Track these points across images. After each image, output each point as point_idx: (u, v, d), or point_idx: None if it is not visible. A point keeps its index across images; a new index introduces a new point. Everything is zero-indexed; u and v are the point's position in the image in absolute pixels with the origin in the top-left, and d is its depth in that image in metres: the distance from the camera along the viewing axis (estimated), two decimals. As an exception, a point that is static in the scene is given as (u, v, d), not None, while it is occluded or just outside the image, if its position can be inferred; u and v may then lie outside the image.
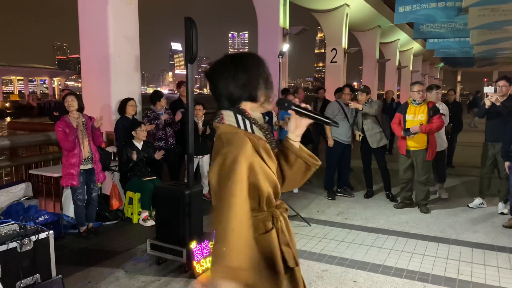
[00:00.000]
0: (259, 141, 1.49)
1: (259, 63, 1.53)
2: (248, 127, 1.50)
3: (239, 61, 1.51)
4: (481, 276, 3.57)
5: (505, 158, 4.90)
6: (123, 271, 3.70)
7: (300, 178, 1.69)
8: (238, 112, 1.51)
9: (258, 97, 1.52)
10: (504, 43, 12.81)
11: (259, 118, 1.54)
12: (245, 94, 1.50)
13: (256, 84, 1.50)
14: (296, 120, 1.59)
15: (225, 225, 1.35)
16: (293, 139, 1.63)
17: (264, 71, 1.53)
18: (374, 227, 4.88)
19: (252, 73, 1.50)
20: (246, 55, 1.55)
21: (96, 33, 5.45)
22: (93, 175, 4.57)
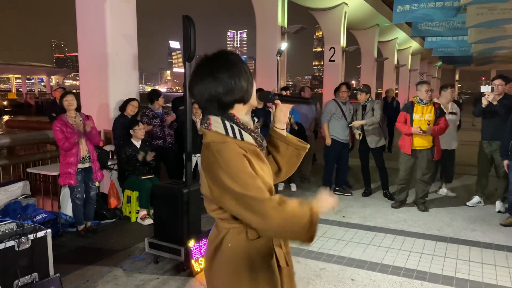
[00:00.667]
0: (249, 148, 1.46)
1: (237, 60, 1.45)
2: (237, 134, 1.45)
3: (218, 65, 1.42)
4: (479, 274, 3.58)
5: (504, 156, 4.91)
6: (121, 269, 3.69)
7: (294, 164, 1.70)
8: (227, 118, 1.46)
9: (248, 97, 1.48)
10: (502, 41, 12.83)
11: (247, 123, 1.49)
12: (235, 97, 1.44)
13: (242, 84, 1.43)
14: (282, 108, 1.60)
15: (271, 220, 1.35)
16: (279, 127, 1.64)
17: (244, 68, 1.45)
18: (372, 226, 4.88)
19: (235, 74, 1.42)
20: (222, 55, 1.45)
21: (94, 31, 5.44)
22: (91, 174, 4.56)
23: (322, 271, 3.64)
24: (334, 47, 14.46)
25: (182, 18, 3.67)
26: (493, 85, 5.27)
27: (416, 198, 5.59)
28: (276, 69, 9.87)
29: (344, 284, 3.41)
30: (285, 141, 1.64)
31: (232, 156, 1.38)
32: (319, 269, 3.68)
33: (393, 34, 21.23)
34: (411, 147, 5.33)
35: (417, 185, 5.54)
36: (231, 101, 1.44)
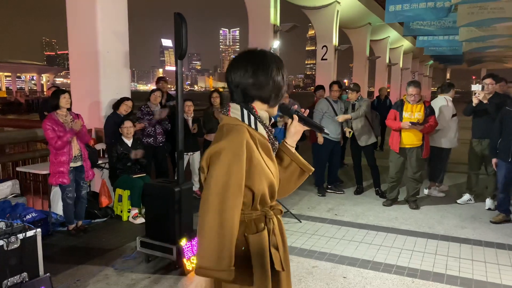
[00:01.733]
0: (260, 139, 1.50)
1: (280, 67, 1.53)
2: (253, 123, 1.50)
3: (263, 60, 1.50)
4: (469, 271, 3.62)
5: (492, 154, 4.96)
6: (113, 269, 3.67)
7: (294, 182, 1.69)
8: (246, 107, 1.51)
9: (271, 100, 1.53)
10: (491, 40, 12.96)
11: (265, 118, 1.55)
12: (260, 94, 1.50)
13: (272, 88, 1.50)
14: (296, 126, 1.61)
15: (212, 220, 1.39)
16: (290, 143, 1.65)
17: (282, 77, 1.53)
18: (364, 223, 4.91)
19: (272, 77, 1.49)
20: (271, 56, 1.53)
21: (85, 29, 5.38)
22: (82, 173, 4.52)
23: (314, 269, 3.65)
24: (326, 45, 14.48)
25: (174, 16, 3.64)
26: (484, 84, 5.32)
27: (407, 196, 5.63)
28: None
29: (336, 282, 3.42)
30: (290, 156, 1.65)
31: (237, 137, 1.41)
32: (311, 267, 3.69)
33: (385, 33, 21.33)
34: (400, 145, 5.37)
35: (408, 183, 5.58)
36: (255, 95, 1.51)
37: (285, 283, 1.60)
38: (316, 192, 6.24)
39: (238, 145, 1.41)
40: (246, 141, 1.42)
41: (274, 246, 1.55)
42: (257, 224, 1.53)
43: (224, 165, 1.39)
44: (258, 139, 1.48)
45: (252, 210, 1.52)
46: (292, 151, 1.66)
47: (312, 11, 14.79)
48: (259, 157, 1.46)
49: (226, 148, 1.40)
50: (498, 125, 4.83)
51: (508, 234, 4.53)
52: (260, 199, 1.51)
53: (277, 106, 1.59)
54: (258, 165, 1.46)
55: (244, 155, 1.40)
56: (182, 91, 3.71)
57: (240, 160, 1.40)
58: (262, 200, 1.53)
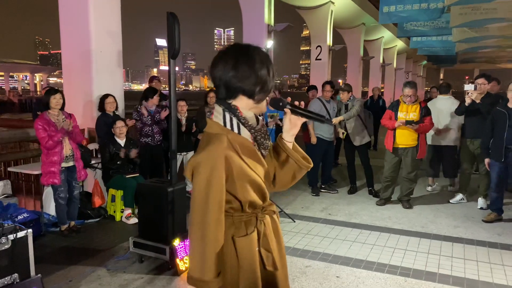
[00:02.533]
0: (242, 142, 1.46)
1: (265, 60, 1.47)
2: (235, 127, 1.46)
3: (245, 52, 1.46)
4: (461, 270, 3.64)
5: (485, 154, 4.99)
6: (105, 269, 3.65)
7: (291, 178, 1.65)
8: (229, 109, 1.46)
9: (255, 94, 1.46)
10: (484, 41, 13.05)
11: (250, 118, 1.49)
12: (243, 87, 1.44)
13: (255, 80, 1.44)
14: (291, 119, 1.54)
15: (194, 233, 1.44)
16: (287, 139, 1.59)
17: (267, 71, 1.47)
18: (357, 223, 4.92)
19: (255, 68, 1.43)
20: (254, 49, 1.48)
21: (77, 28, 5.35)
22: (74, 173, 4.49)
23: (307, 269, 3.65)
24: (320, 45, 14.51)
25: (167, 15, 3.63)
26: (476, 84, 5.35)
27: (400, 195, 5.65)
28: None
29: (329, 281, 3.42)
30: (287, 152, 1.59)
31: (214, 151, 1.41)
32: (305, 267, 3.69)
33: (379, 33, 21.41)
34: (394, 144, 5.40)
35: (402, 182, 5.60)
36: (237, 89, 1.44)
37: (282, 283, 1.60)
38: (310, 191, 6.25)
39: (216, 158, 1.40)
40: (224, 153, 1.40)
41: (265, 247, 1.54)
42: (247, 226, 1.52)
43: (203, 180, 1.40)
44: (240, 145, 1.44)
45: (243, 213, 1.51)
46: (289, 146, 1.59)
47: (307, 11, 14.81)
48: (241, 165, 1.44)
49: (204, 161, 1.41)
50: (489, 125, 4.86)
51: (500, 233, 4.57)
52: (248, 204, 1.50)
53: (264, 102, 1.52)
54: (241, 174, 1.44)
55: (222, 168, 1.40)
56: (175, 91, 3.70)
57: (218, 175, 1.40)
58: (252, 204, 1.52)
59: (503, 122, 4.67)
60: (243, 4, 11.01)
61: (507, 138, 4.63)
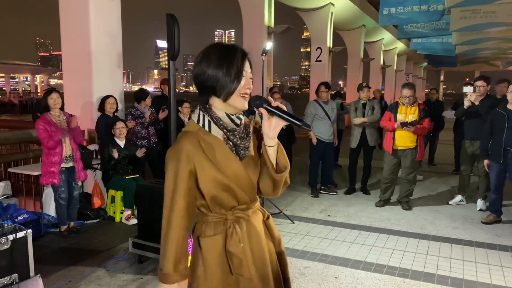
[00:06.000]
0: (212, 140, 1.46)
1: (224, 58, 1.43)
2: (206, 125, 1.47)
3: (205, 52, 1.48)
4: (459, 271, 3.65)
5: (484, 156, 5.00)
6: (104, 270, 3.66)
7: (271, 185, 1.54)
8: (204, 109, 1.49)
9: (217, 92, 1.44)
10: (484, 43, 13.08)
11: (223, 117, 1.47)
12: (202, 86, 1.47)
13: (215, 75, 1.42)
14: (269, 120, 1.46)
15: (162, 223, 1.49)
16: (267, 142, 1.48)
17: (225, 69, 1.42)
18: (356, 224, 4.93)
19: (209, 68, 1.43)
20: (214, 47, 1.47)
21: (78, 29, 5.37)
22: (74, 174, 4.51)
23: (306, 270, 3.66)
24: (320, 47, 14.53)
25: (166, 17, 3.65)
26: (475, 86, 5.36)
27: (400, 197, 5.66)
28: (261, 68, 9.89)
29: (328, 282, 3.43)
30: (264, 157, 1.50)
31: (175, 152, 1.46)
32: (303, 268, 3.70)
33: (379, 35, 21.43)
34: (393, 146, 5.41)
35: (401, 184, 5.61)
36: (204, 87, 1.47)
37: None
38: (309, 193, 6.26)
39: (178, 152, 1.45)
40: (186, 148, 1.44)
41: (234, 251, 1.49)
42: (216, 227, 1.51)
43: (170, 172, 1.46)
44: (206, 142, 1.45)
45: (214, 213, 1.51)
46: (270, 151, 1.49)
47: (307, 13, 14.83)
48: (204, 162, 1.44)
49: (170, 156, 1.47)
50: (488, 126, 4.87)
51: (499, 235, 4.57)
52: (215, 202, 1.49)
53: (240, 100, 1.46)
54: (204, 171, 1.45)
55: (185, 161, 1.44)
56: (174, 92, 3.71)
57: (182, 168, 1.44)
58: (220, 203, 1.49)
59: (502, 124, 4.68)
60: (243, 5, 11.04)
61: (506, 140, 4.64)
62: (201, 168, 1.45)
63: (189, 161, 1.44)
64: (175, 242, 1.45)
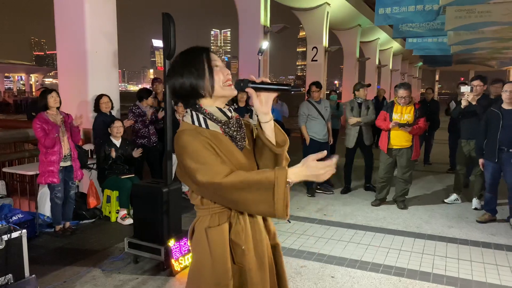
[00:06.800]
0: (212, 134, 1.48)
1: (193, 58, 1.50)
2: (202, 122, 1.50)
3: (173, 66, 1.53)
4: (455, 270, 3.66)
5: (479, 155, 5.03)
6: (100, 270, 3.64)
7: (269, 162, 1.56)
8: (194, 109, 1.52)
9: (202, 93, 1.49)
10: (479, 43, 13.14)
11: (215, 112, 1.51)
12: (189, 95, 1.50)
13: (186, 81, 1.48)
14: (258, 97, 1.50)
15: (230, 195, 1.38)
16: (261, 118, 1.52)
17: (199, 66, 1.48)
18: (352, 223, 4.94)
19: (179, 72, 1.49)
20: (179, 57, 1.54)
21: (73, 29, 5.34)
22: (71, 173, 4.50)
23: (302, 269, 3.66)
24: (316, 47, 14.54)
25: (162, 16, 3.64)
26: (472, 85, 5.38)
27: (395, 196, 5.68)
28: (257, 67, 9.92)
29: (324, 281, 3.43)
30: (260, 134, 1.54)
31: (188, 140, 1.43)
32: (300, 267, 3.70)
33: (374, 34, 21.48)
34: (388, 145, 5.43)
35: (397, 183, 5.63)
36: (185, 95, 1.51)
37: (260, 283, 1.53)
38: (306, 192, 6.26)
39: (192, 141, 1.43)
40: (196, 137, 1.44)
41: (236, 241, 1.51)
42: (220, 217, 1.52)
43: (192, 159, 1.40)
44: (210, 135, 1.47)
45: (218, 204, 1.50)
46: (266, 127, 1.52)
47: (303, 12, 14.84)
48: (214, 151, 1.44)
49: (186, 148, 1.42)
50: (483, 125, 4.90)
51: (494, 233, 4.60)
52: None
53: (226, 89, 1.51)
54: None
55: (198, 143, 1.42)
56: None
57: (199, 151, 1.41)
58: None
59: (496, 123, 4.70)
60: (239, 5, 11.03)
61: (501, 139, 4.66)
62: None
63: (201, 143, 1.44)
64: (247, 175, 1.37)
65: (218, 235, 1.50)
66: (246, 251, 1.51)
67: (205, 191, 1.44)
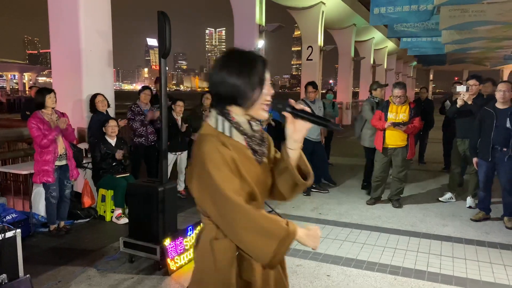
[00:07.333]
0: (235, 145, 1.42)
1: (250, 65, 1.41)
2: (227, 130, 1.43)
3: (226, 59, 1.43)
4: (449, 268, 3.68)
5: (473, 154, 5.05)
6: (95, 269, 3.62)
7: (288, 190, 1.55)
8: (220, 113, 1.44)
9: (238, 101, 1.42)
10: (473, 42, 13.23)
11: (243, 123, 1.45)
12: (219, 93, 1.42)
13: (231, 89, 1.40)
14: (293, 123, 1.45)
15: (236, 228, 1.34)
16: (289, 145, 1.48)
17: (247, 78, 1.39)
18: (347, 222, 4.95)
19: (234, 72, 1.39)
20: (237, 55, 1.44)
21: (67, 27, 5.31)
22: (67, 172, 4.48)
23: (298, 268, 3.67)
24: (311, 46, 14.56)
25: (157, 14, 3.62)
26: (468, 85, 5.41)
27: (390, 195, 5.70)
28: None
29: (320, 280, 3.44)
30: (285, 163, 1.49)
31: (211, 150, 1.36)
32: (296, 266, 3.70)
33: (369, 34, 21.53)
34: (384, 145, 5.44)
35: (392, 182, 5.65)
36: (223, 96, 1.42)
37: None
38: (301, 191, 6.26)
39: (213, 152, 1.36)
40: (218, 148, 1.37)
41: (245, 255, 1.43)
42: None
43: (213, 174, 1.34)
44: (233, 146, 1.40)
45: None
46: (292, 155, 1.48)
47: (298, 12, 14.85)
48: (235, 162, 1.39)
49: (206, 160, 1.35)
50: (477, 124, 4.92)
51: (488, 232, 4.63)
52: None
53: (260, 108, 1.45)
54: (234, 172, 1.39)
55: (220, 158, 1.36)
56: (166, 90, 3.69)
57: (221, 166, 1.35)
58: None
59: (490, 122, 4.73)
60: (234, 4, 11.01)
61: (494, 138, 4.69)
62: (231, 168, 1.40)
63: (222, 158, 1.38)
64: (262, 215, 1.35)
65: (225, 248, 1.43)
66: (255, 265, 1.45)
67: (211, 206, 1.38)
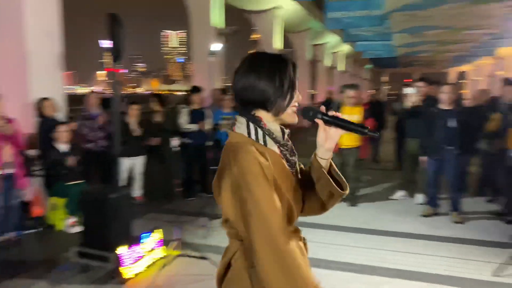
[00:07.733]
0: (272, 155, 1.32)
1: (281, 68, 1.33)
2: (260, 138, 1.32)
3: (255, 64, 1.34)
4: (402, 263, 3.83)
5: (421, 153, 5.29)
6: (47, 281, 3.47)
7: (321, 203, 1.44)
8: (252, 120, 1.34)
9: (268, 106, 1.34)
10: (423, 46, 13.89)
11: (275, 131, 1.35)
12: (248, 97, 1.34)
13: (266, 89, 1.31)
14: (325, 131, 1.36)
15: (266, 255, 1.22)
16: (321, 155, 1.38)
17: (280, 76, 1.32)
18: (302, 221, 4.93)
19: (264, 76, 1.31)
20: (265, 57, 1.36)
21: (11, 28, 5.05)
22: (13, 181, 4.25)
23: (256, 270, 3.67)
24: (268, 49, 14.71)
25: (108, 16, 3.53)
26: (416, 86, 5.65)
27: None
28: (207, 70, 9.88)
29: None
30: (317, 172, 1.38)
31: (251, 161, 1.24)
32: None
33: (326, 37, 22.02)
34: (338, 145, 5.57)
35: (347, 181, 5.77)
36: (251, 101, 1.34)
37: None
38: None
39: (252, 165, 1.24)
40: (258, 158, 1.25)
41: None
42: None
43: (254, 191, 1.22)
44: (269, 156, 1.29)
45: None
46: (323, 163, 1.38)
47: (255, 15, 14.97)
48: (274, 175, 1.28)
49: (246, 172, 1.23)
50: (424, 125, 5.14)
51: (437, 227, 4.85)
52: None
53: (289, 115, 1.37)
54: (273, 185, 1.28)
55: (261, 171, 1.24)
56: (118, 94, 3.61)
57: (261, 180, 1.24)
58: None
59: (436, 122, 4.97)
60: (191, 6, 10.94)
61: (440, 137, 4.92)
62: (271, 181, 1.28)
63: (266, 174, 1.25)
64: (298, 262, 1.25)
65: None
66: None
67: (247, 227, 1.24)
